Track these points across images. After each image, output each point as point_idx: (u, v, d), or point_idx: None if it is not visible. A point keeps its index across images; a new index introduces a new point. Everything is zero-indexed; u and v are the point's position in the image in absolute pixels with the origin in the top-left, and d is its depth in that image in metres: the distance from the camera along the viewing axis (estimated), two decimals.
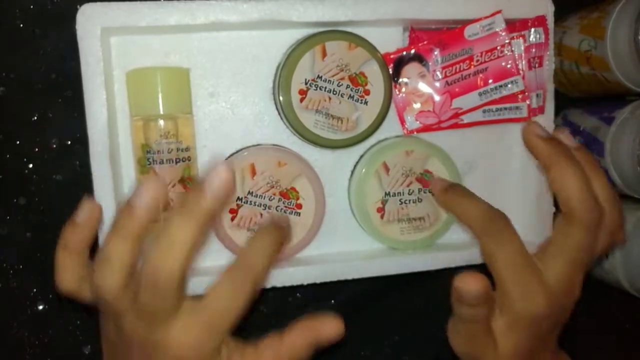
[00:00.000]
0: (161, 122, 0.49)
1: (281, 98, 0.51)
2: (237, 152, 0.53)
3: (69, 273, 0.41)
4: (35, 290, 0.57)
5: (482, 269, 0.49)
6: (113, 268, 0.37)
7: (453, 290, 0.42)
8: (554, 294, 0.42)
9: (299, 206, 0.53)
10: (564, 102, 0.62)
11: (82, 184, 0.55)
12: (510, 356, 0.44)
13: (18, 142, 0.55)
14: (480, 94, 0.55)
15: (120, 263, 0.37)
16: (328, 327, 0.42)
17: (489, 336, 0.44)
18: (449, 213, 0.53)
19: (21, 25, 0.54)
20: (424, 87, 0.55)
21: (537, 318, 0.42)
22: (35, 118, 0.55)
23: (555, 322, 0.45)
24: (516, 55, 0.55)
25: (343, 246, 0.57)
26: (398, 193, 0.54)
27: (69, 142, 0.56)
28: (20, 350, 0.57)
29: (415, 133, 0.56)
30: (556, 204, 0.55)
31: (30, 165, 0.55)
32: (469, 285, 0.40)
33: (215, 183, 0.36)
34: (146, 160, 0.49)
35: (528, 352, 0.44)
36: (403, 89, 0.55)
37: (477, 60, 0.54)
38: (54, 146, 0.55)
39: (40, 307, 0.57)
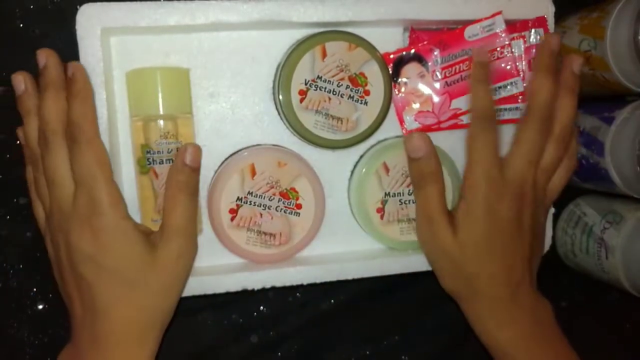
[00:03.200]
0: (161, 122, 0.49)
1: (281, 98, 0.51)
2: (237, 152, 0.53)
3: None
4: (35, 290, 0.57)
5: None
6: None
7: (404, 149, 0.51)
8: (508, 182, 0.49)
9: (299, 206, 0.53)
10: None
11: None
12: (471, 241, 0.49)
13: (18, 142, 0.55)
14: None
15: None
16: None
17: (447, 215, 0.50)
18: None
19: (21, 25, 0.54)
20: (423, 87, 0.55)
21: (491, 202, 0.49)
22: None
23: (516, 219, 0.50)
24: (516, 56, 0.55)
25: (343, 246, 0.57)
26: (398, 193, 0.54)
27: None
28: (20, 350, 0.57)
29: None
30: (555, 204, 0.56)
31: None
32: (415, 139, 0.50)
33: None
34: (146, 161, 0.49)
35: (485, 241, 0.49)
36: (402, 89, 0.55)
37: None
38: None
39: (40, 307, 0.57)
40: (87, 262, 0.44)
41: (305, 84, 0.51)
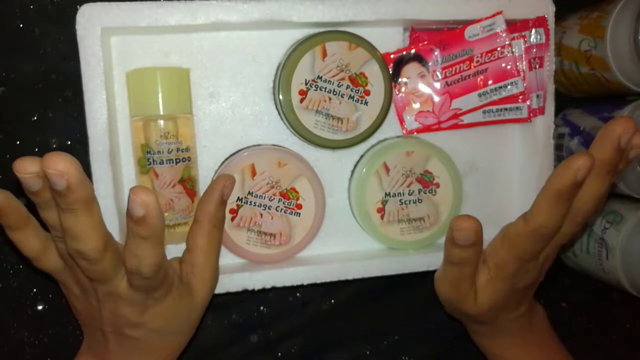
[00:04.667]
0: (161, 122, 0.49)
1: (281, 98, 0.51)
2: (237, 152, 0.53)
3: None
4: (35, 290, 0.57)
5: None
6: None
7: (449, 231, 0.47)
8: (534, 262, 0.48)
9: (299, 206, 0.53)
10: (564, 102, 0.62)
11: None
12: (488, 306, 0.49)
13: (18, 142, 0.55)
14: (479, 95, 0.55)
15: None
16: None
17: (472, 285, 0.49)
18: None
19: (21, 25, 0.54)
20: (423, 87, 0.55)
21: (515, 278, 0.48)
22: (35, 118, 0.55)
23: (533, 279, 0.50)
24: (517, 55, 0.55)
25: (343, 246, 0.57)
26: (398, 193, 0.54)
27: (69, 142, 0.55)
28: (20, 350, 0.57)
29: (415, 133, 0.56)
30: None
31: None
32: (465, 224, 0.45)
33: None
34: (146, 161, 0.49)
35: (502, 302, 0.50)
36: (403, 89, 0.55)
37: (477, 61, 0.54)
38: (54, 146, 0.55)
39: (40, 307, 0.57)
40: (136, 328, 0.44)
41: (306, 84, 0.51)
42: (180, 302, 0.45)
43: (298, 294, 0.62)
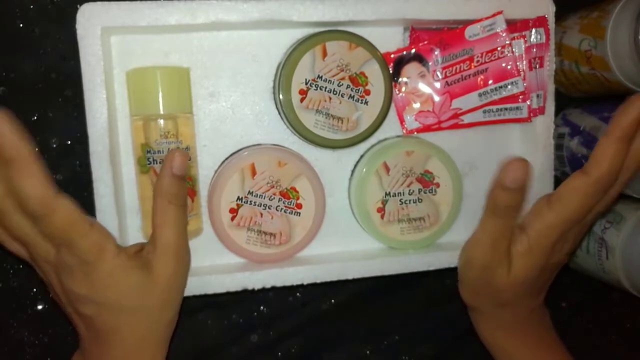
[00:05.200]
0: (161, 121, 0.49)
1: (281, 98, 0.51)
2: (237, 151, 0.53)
3: None
4: (35, 290, 0.57)
5: None
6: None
7: (497, 176, 0.45)
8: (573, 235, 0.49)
9: (299, 206, 0.53)
10: (564, 102, 0.62)
11: (82, 184, 0.55)
12: (522, 279, 0.48)
13: None
14: (480, 95, 0.55)
15: None
16: None
17: (508, 251, 0.48)
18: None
19: (21, 25, 0.54)
20: (423, 87, 0.55)
21: (553, 250, 0.48)
22: (35, 118, 0.55)
23: (566, 254, 0.50)
24: (517, 55, 0.55)
25: (343, 246, 0.57)
26: (398, 193, 0.54)
27: (69, 142, 0.55)
28: (20, 350, 0.57)
29: (415, 133, 0.56)
30: None
31: None
32: (517, 163, 0.44)
33: None
34: (146, 160, 0.49)
35: (534, 280, 0.49)
36: (403, 89, 0.55)
37: (478, 61, 0.54)
38: (54, 146, 0.55)
39: (40, 307, 0.57)
40: (85, 302, 0.43)
41: (306, 84, 0.51)
42: (130, 274, 0.43)
43: (298, 294, 0.62)
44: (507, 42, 0.54)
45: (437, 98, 0.55)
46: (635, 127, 0.44)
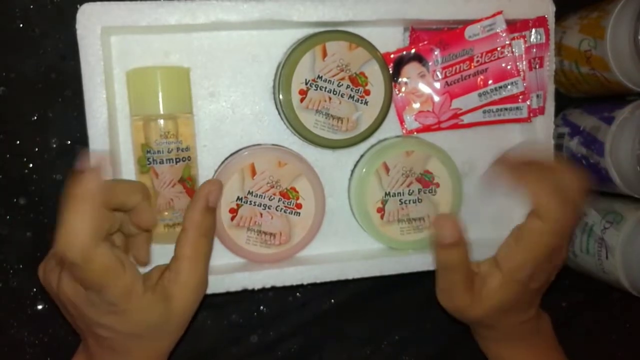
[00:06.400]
0: (161, 121, 0.49)
1: (281, 98, 0.51)
2: (237, 151, 0.53)
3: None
4: (35, 290, 0.57)
5: None
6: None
7: (433, 236, 0.46)
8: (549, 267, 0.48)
9: (299, 206, 0.53)
10: (564, 102, 0.62)
11: None
12: (497, 308, 0.48)
13: (18, 142, 0.55)
14: (480, 95, 0.55)
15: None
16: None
17: (468, 290, 0.47)
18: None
19: (21, 25, 0.54)
20: (423, 87, 0.55)
21: (527, 282, 0.47)
22: (35, 118, 0.55)
23: (547, 278, 0.49)
24: (517, 55, 0.55)
25: (343, 246, 0.57)
26: (398, 193, 0.54)
27: (69, 142, 0.55)
28: (20, 350, 0.57)
29: (415, 133, 0.56)
30: None
31: (30, 165, 0.55)
32: (446, 220, 0.46)
33: None
34: (146, 160, 0.49)
35: (513, 306, 0.48)
36: (403, 89, 0.55)
37: (478, 61, 0.54)
38: (54, 146, 0.55)
39: (40, 307, 0.57)
40: (104, 328, 0.43)
41: (306, 84, 0.51)
42: (153, 308, 0.43)
43: (298, 294, 0.62)
44: (507, 42, 0.54)
45: (437, 98, 0.55)
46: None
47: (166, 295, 0.44)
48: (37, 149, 0.55)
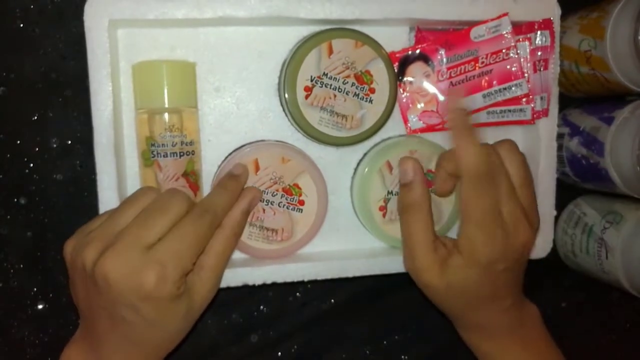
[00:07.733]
0: (166, 115, 0.48)
1: (286, 94, 0.51)
2: (241, 147, 0.53)
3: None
4: (35, 290, 0.56)
5: None
6: None
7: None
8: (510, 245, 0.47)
9: (302, 203, 0.53)
10: (564, 102, 0.63)
11: (82, 184, 0.55)
12: (458, 289, 0.48)
13: (18, 142, 0.54)
14: (484, 96, 0.55)
15: None
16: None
17: (431, 249, 0.48)
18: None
19: (21, 25, 0.54)
20: (428, 86, 0.55)
21: (491, 264, 0.46)
22: (35, 118, 0.54)
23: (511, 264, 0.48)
24: (522, 57, 0.55)
25: (345, 244, 0.57)
26: None
27: (69, 142, 0.55)
28: (20, 350, 0.56)
29: (418, 133, 0.56)
30: (556, 204, 0.56)
31: (31, 165, 0.55)
32: (405, 164, 0.49)
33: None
34: (150, 153, 0.49)
35: (475, 290, 0.48)
36: (407, 88, 0.55)
37: (482, 62, 0.54)
38: (54, 146, 0.55)
39: (40, 307, 0.56)
40: (133, 310, 0.42)
41: (311, 81, 0.51)
42: (178, 305, 0.43)
43: (298, 294, 0.62)
44: (512, 44, 0.54)
45: (441, 98, 0.55)
46: None
47: (188, 287, 0.44)
48: (37, 149, 0.55)
